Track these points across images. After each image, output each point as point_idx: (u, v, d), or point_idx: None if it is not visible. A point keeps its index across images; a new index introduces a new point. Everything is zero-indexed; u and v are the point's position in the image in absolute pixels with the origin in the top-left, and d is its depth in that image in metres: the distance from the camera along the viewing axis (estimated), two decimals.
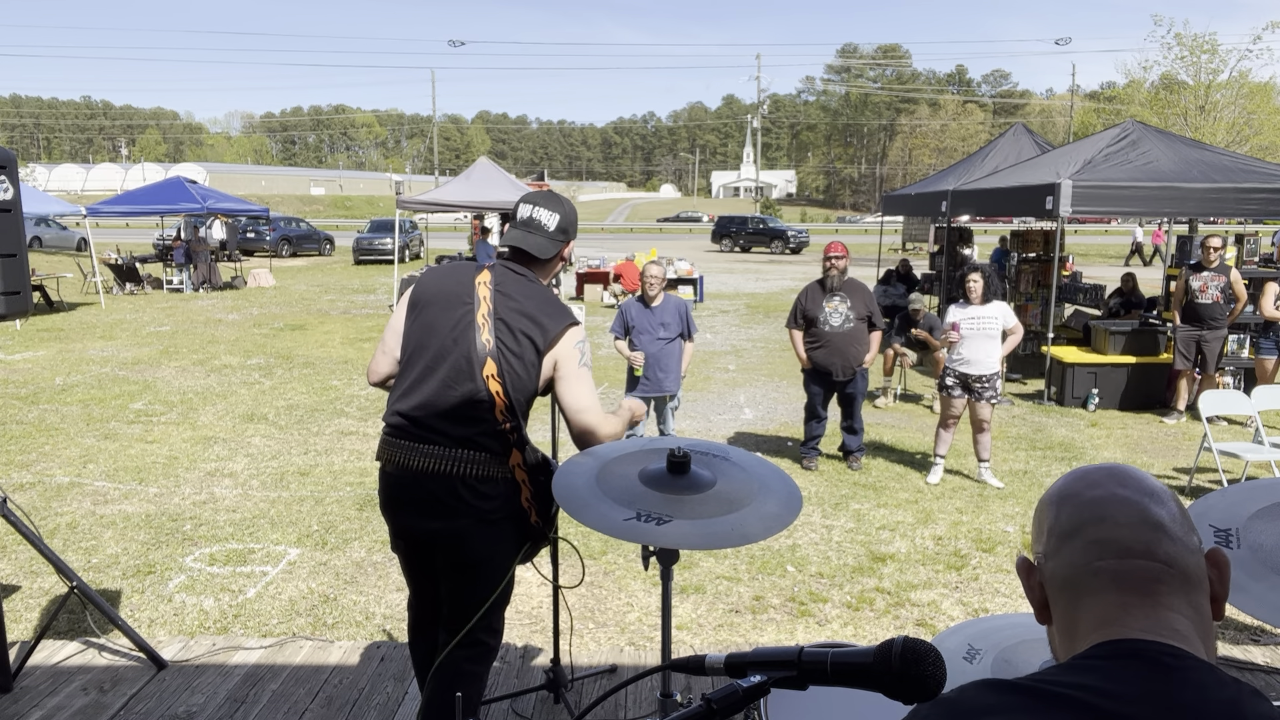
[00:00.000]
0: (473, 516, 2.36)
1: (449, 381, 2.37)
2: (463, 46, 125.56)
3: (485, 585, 2.44)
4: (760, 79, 75.28)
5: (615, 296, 17.37)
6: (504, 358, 2.36)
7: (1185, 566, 0.91)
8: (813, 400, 6.60)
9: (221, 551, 4.90)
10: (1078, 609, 0.93)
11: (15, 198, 3.08)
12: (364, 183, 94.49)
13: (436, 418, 2.37)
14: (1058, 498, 1.00)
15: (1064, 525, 0.96)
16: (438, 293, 2.47)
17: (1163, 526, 0.92)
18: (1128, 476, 0.98)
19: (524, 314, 2.40)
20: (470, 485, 2.35)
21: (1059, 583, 0.95)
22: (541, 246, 2.50)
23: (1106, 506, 0.95)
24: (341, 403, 8.57)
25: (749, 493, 2.18)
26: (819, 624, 4.15)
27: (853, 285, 6.51)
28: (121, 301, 17.07)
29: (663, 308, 5.99)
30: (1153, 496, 0.95)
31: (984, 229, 20.19)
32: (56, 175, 77.56)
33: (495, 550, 2.43)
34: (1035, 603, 0.99)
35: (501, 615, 2.57)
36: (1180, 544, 0.92)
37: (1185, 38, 29.46)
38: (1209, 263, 8.03)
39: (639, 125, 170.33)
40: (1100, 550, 0.92)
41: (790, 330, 6.63)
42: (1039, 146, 12.33)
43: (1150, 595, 0.89)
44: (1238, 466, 6.39)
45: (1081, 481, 0.99)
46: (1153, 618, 0.88)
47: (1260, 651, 3.90)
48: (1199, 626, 0.89)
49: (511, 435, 2.38)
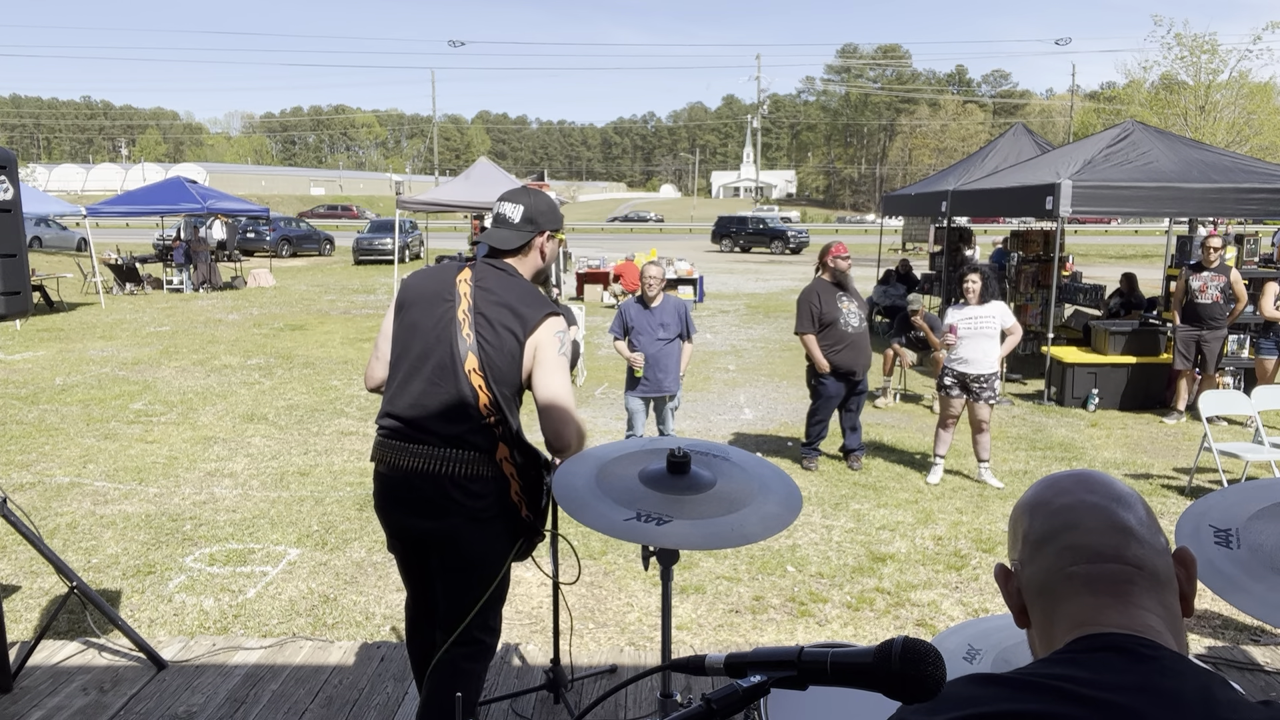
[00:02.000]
0: (464, 516, 2.37)
1: (434, 380, 2.39)
2: (463, 46, 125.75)
3: (480, 584, 2.44)
4: (760, 79, 75.31)
5: (615, 297, 17.37)
6: (484, 352, 2.37)
7: (1154, 568, 0.94)
8: (824, 403, 6.50)
9: (221, 551, 4.90)
10: (1054, 612, 0.96)
11: (15, 198, 3.08)
12: (364, 183, 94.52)
13: (425, 417, 2.38)
14: (1030, 506, 1.03)
15: (1037, 532, 1.00)
16: (421, 293, 2.50)
17: (1130, 530, 0.96)
18: (1095, 483, 1.01)
19: (503, 306, 2.41)
20: (460, 484, 2.36)
21: (1035, 588, 0.98)
22: (505, 238, 2.52)
23: (1076, 513, 0.98)
24: (341, 403, 8.57)
25: (749, 493, 2.18)
26: (819, 624, 4.15)
27: (852, 286, 6.54)
28: (121, 301, 17.07)
29: (662, 308, 5.99)
30: (1120, 501, 0.98)
31: (984, 229, 20.18)
32: (56, 175, 77.59)
33: (489, 549, 2.44)
34: (1014, 608, 1.02)
35: (498, 614, 2.57)
36: (1149, 546, 0.95)
37: (1185, 38, 29.45)
38: (1209, 263, 8.03)
39: (639, 125, 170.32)
40: (1073, 556, 0.95)
41: (804, 336, 6.42)
42: (1039, 147, 12.33)
43: (1122, 596, 0.92)
44: (1238, 466, 6.39)
45: (1051, 489, 1.02)
46: (1126, 615, 0.91)
47: (1260, 651, 3.90)
48: (1170, 623, 0.92)
49: (498, 429, 2.38)
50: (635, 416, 6.08)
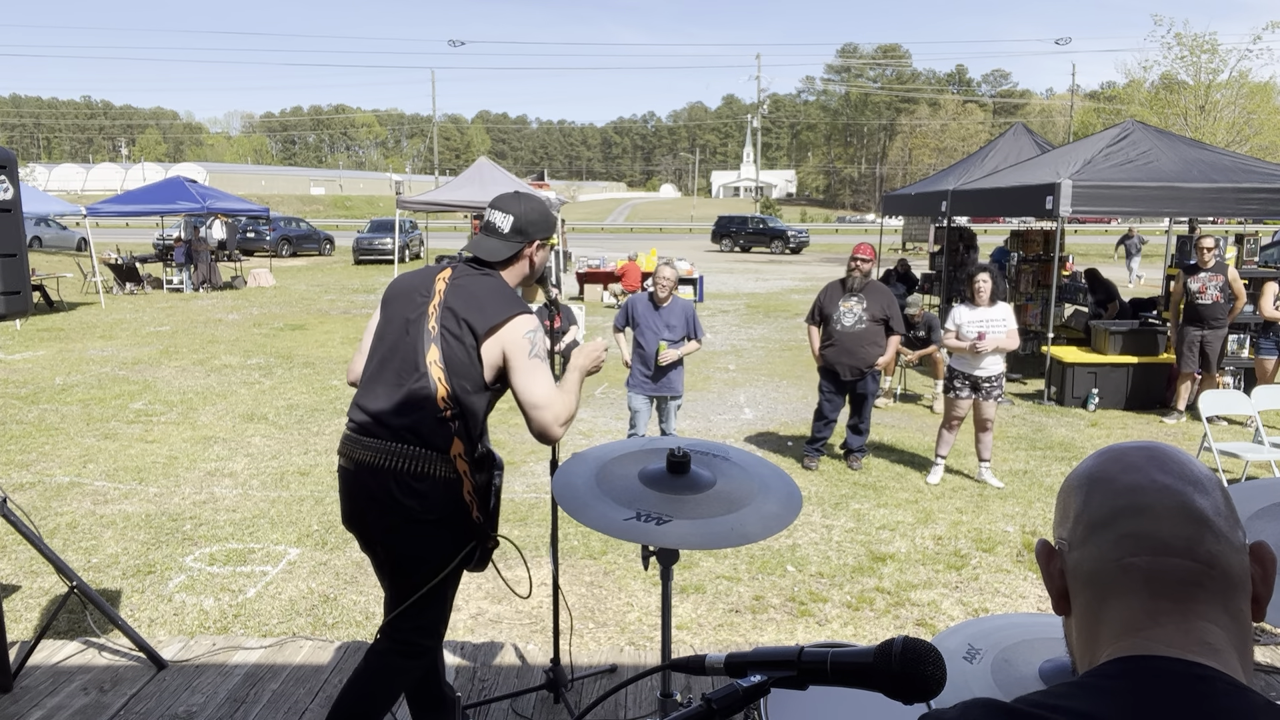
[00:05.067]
0: (403, 516, 2.34)
1: (400, 372, 2.39)
2: (463, 46, 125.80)
3: (417, 582, 2.41)
4: (760, 79, 75.33)
5: (615, 296, 17.37)
6: (446, 344, 2.36)
7: (1227, 567, 0.81)
8: (823, 400, 6.59)
9: (221, 551, 4.90)
10: (1102, 608, 0.84)
11: (15, 198, 3.08)
12: (364, 183, 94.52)
13: (382, 410, 2.38)
14: (1088, 480, 0.88)
15: (1094, 513, 0.86)
16: (401, 290, 2.52)
17: (1206, 521, 0.82)
18: (1169, 460, 0.86)
19: (470, 301, 2.40)
20: (403, 482, 2.33)
21: (1083, 576, 0.86)
22: (494, 249, 2.51)
23: (1144, 495, 0.84)
24: (341, 402, 8.57)
25: (749, 493, 2.18)
26: (819, 624, 4.15)
27: (874, 288, 6.48)
28: (121, 301, 17.07)
29: (670, 309, 6.00)
30: (1196, 485, 0.84)
31: (984, 229, 20.18)
32: (56, 175, 77.56)
33: (427, 551, 2.39)
34: (1054, 591, 0.90)
35: (436, 617, 2.50)
36: (1224, 541, 0.81)
37: (1185, 38, 29.47)
38: (1204, 263, 8.03)
39: (639, 125, 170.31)
40: (1134, 545, 0.82)
41: (809, 326, 6.67)
42: (1039, 146, 12.33)
43: (1184, 601, 0.79)
44: (1238, 466, 6.39)
45: (1117, 463, 0.88)
46: (1183, 629, 0.79)
47: (1260, 651, 3.90)
48: (1235, 636, 0.79)
49: (453, 423, 2.35)
50: (638, 415, 6.08)
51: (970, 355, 6.01)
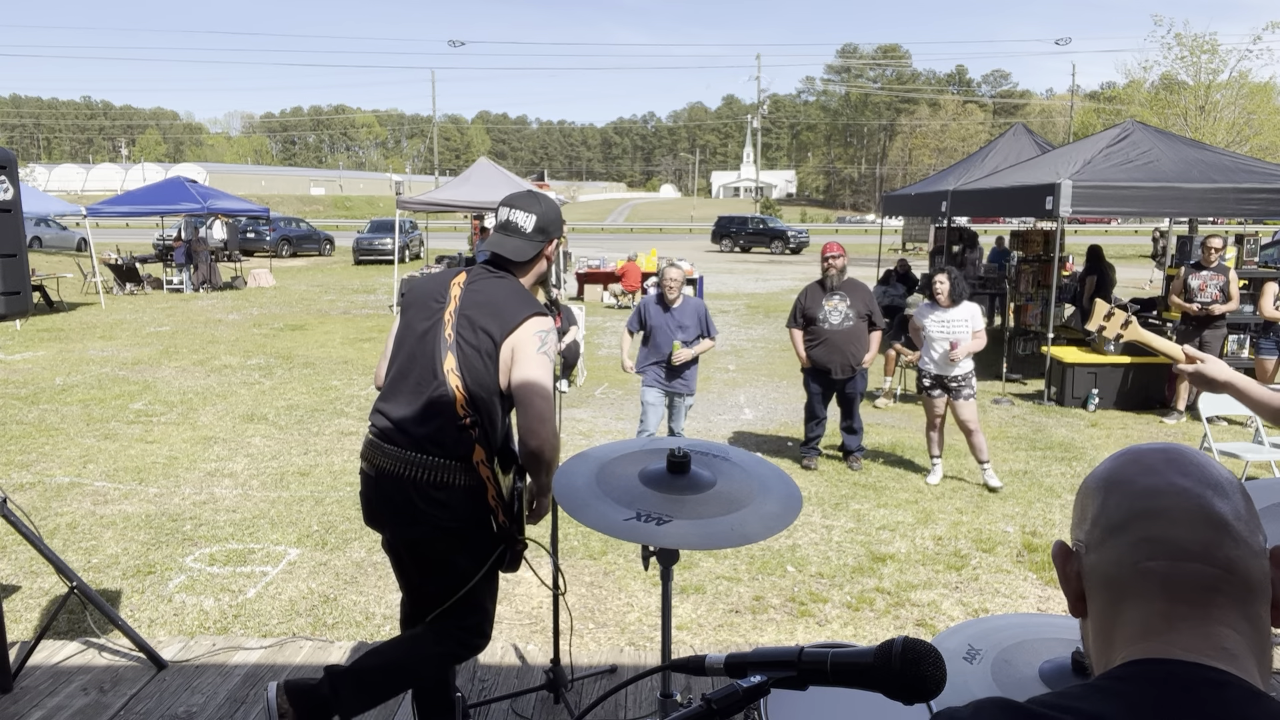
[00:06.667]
0: (431, 525, 2.35)
1: (418, 380, 2.40)
2: (463, 46, 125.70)
3: (450, 587, 2.44)
4: (760, 79, 75.30)
5: (615, 297, 17.37)
6: (462, 351, 2.37)
7: (1246, 572, 0.80)
8: (812, 399, 6.62)
9: (221, 551, 4.90)
10: (1118, 612, 0.83)
11: (15, 198, 3.08)
12: (364, 183, 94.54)
13: (403, 418, 2.39)
14: (1106, 482, 0.88)
15: (1111, 515, 0.85)
16: (419, 296, 2.53)
17: (1225, 525, 0.81)
18: (1188, 463, 0.85)
19: (486, 307, 2.41)
20: (424, 492, 2.33)
21: (1100, 579, 0.85)
22: (519, 249, 2.51)
23: (1162, 498, 0.83)
24: (341, 403, 8.57)
25: (749, 493, 2.18)
26: (819, 624, 4.15)
27: (853, 285, 6.51)
28: (121, 301, 17.07)
29: (681, 310, 6.01)
30: (1216, 488, 0.83)
31: (984, 229, 20.18)
32: (56, 175, 77.59)
33: (455, 556, 2.41)
34: (1070, 593, 0.89)
35: (479, 620, 2.53)
36: (1244, 546, 0.80)
37: (1185, 38, 29.51)
38: (1209, 262, 8.04)
39: (639, 125, 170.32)
40: (1151, 549, 0.81)
41: (790, 330, 6.65)
42: (1039, 146, 12.34)
43: (1202, 606, 0.79)
44: (1238, 466, 6.38)
45: (1135, 465, 0.87)
46: (1200, 633, 0.78)
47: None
48: (1253, 642, 0.78)
49: (473, 430, 2.36)
50: (650, 410, 6.07)
51: (946, 363, 6.00)
